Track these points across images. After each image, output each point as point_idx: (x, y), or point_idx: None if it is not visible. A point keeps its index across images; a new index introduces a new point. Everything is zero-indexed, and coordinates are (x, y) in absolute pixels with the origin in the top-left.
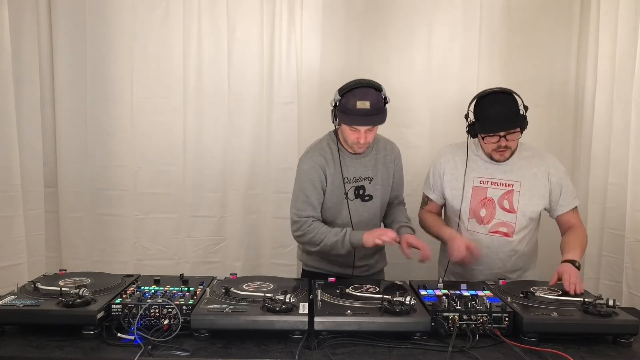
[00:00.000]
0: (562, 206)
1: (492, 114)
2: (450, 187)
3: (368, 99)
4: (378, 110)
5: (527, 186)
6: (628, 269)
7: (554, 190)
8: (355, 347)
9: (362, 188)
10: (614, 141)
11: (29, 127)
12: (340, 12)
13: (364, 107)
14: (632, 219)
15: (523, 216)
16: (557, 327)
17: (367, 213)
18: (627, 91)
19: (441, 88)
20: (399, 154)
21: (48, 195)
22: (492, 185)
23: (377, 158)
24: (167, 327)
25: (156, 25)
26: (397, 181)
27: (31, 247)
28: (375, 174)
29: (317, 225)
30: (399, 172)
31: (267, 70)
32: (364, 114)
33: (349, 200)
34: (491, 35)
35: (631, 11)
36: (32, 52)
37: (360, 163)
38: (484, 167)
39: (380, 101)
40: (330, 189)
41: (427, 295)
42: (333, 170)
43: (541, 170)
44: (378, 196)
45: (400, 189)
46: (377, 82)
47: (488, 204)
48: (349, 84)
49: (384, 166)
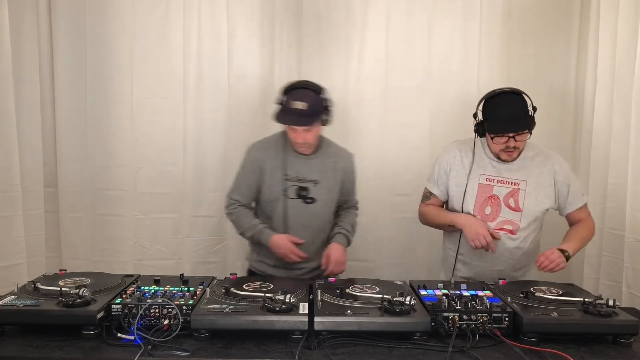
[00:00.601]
0: (572, 204)
1: (503, 115)
2: (455, 183)
3: (305, 100)
4: (315, 112)
5: (533, 185)
6: (628, 269)
7: (560, 189)
8: (355, 347)
9: (306, 189)
10: (614, 141)
11: (29, 127)
12: (340, 12)
13: (300, 107)
14: (632, 219)
15: (528, 215)
16: (557, 327)
17: (309, 215)
18: (627, 91)
19: (441, 88)
20: (350, 163)
21: (48, 195)
22: (498, 184)
23: (326, 163)
24: (167, 327)
25: (156, 25)
26: (346, 188)
27: (31, 247)
28: (321, 178)
29: (240, 211)
30: (349, 180)
31: (267, 70)
32: (299, 114)
33: (289, 198)
34: (491, 35)
35: (631, 11)
36: (32, 52)
37: (305, 164)
38: (491, 165)
39: (318, 103)
40: (269, 184)
41: (427, 295)
42: (273, 166)
43: (547, 170)
44: (321, 200)
45: (351, 195)
46: (318, 85)
47: (493, 202)
48: (290, 84)
49: (332, 172)
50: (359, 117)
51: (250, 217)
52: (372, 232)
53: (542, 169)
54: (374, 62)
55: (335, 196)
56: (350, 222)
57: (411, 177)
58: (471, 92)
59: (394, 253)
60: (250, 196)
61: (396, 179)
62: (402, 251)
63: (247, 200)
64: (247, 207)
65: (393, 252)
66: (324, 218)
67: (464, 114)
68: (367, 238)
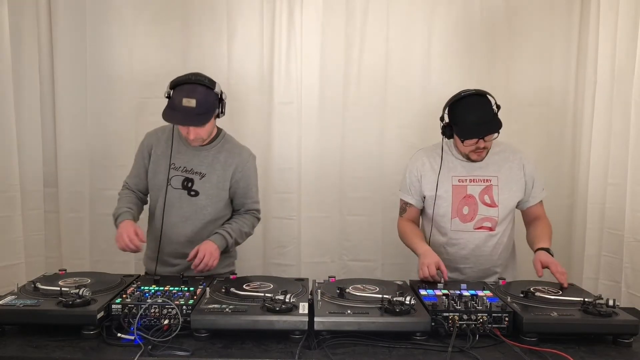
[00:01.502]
0: (534, 198)
1: (472, 119)
2: (428, 189)
3: (194, 97)
4: (205, 110)
5: (505, 179)
6: (627, 269)
7: (527, 182)
8: (355, 347)
9: (191, 181)
10: (613, 141)
11: (28, 127)
12: (340, 12)
13: (188, 105)
14: (631, 219)
15: (504, 209)
16: (557, 327)
17: (191, 208)
18: (627, 91)
19: (441, 88)
20: (247, 163)
21: (48, 195)
22: (471, 183)
23: (217, 158)
24: (167, 327)
25: (156, 25)
26: (241, 188)
27: (31, 247)
28: (209, 172)
29: (123, 194)
30: (243, 180)
31: (267, 70)
32: (187, 112)
33: (172, 187)
34: (491, 35)
35: (631, 11)
36: (32, 52)
37: (195, 155)
38: (461, 166)
39: (208, 100)
40: (154, 170)
41: (427, 295)
42: (161, 153)
43: (515, 163)
44: (206, 194)
45: (246, 198)
46: (209, 78)
47: (470, 201)
48: (179, 78)
49: (222, 167)
50: (359, 117)
51: (125, 201)
52: (372, 232)
53: (510, 163)
54: (374, 61)
55: (223, 193)
56: (238, 227)
57: None
58: None
59: (394, 253)
60: (138, 181)
61: (396, 179)
62: (402, 251)
63: (136, 186)
64: (132, 191)
65: (393, 252)
66: (207, 213)
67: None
68: (367, 238)
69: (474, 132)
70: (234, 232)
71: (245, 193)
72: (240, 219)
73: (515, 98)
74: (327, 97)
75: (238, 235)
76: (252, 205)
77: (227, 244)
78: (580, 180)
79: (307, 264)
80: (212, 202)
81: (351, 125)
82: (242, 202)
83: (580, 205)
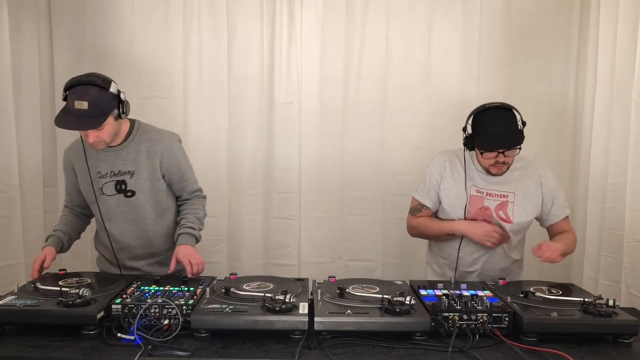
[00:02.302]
0: (555, 216)
1: (494, 131)
2: (447, 195)
3: (87, 99)
4: (99, 111)
5: (521, 197)
6: (627, 269)
7: (545, 199)
8: (355, 347)
9: (124, 183)
10: (613, 141)
11: (28, 127)
12: (340, 12)
13: (81, 108)
14: (631, 219)
15: (518, 225)
16: (557, 327)
17: (133, 209)
18: (627, 91)
19: (441, 89)
20: (169, 145)
21: (48, 195)
22: (488, 196)
23: (139, 150)
24: (167, 327)
25: (156, 25)
26: (174, 174)
27: (30, 247)
28: (136, 168)
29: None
30: (174, 165)
31: (267, 70)
32: (80, 116)
33: (107, 195)
34: (491, 35)
35: (631, 11)
36: (32, 52)
37: (116, 156)
38: (479, 177)
39: (102, 101)
40: (83, 184)
41: (427, 295)
42: (82, 166)
43: (534, 181)
44: (143, 190)
45: (184, 182)
46: (104, 77)
47: (485, 213)
48: (72, 80)
49: (147, 159)
50: (359, 117)
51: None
52: (372, 232)
53: (529, 181)
54: (374, 61)
55: (158, 184)
56: (194, 215)
57: (411, 177)
58: (471, 93)
59: (394, 253)
60: (73, 198)
61: (396, 179)
62: (402, 251)
63: (72, 203)
64: (71, 209)
65: (393, 252)
66: (153, 208)
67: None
68: (367, 238)
69: (493, 145)
70: (195, 223)
71: (181, 177)
72: (191, 206)
73: (515, 98)
74: (327, 97)
75: (199, 225)
76: (193, 187)
77: (196, 238)
78: (580, 180)
79: (307, 264)
80: (150, 196)
81: (351, 125)
82: (181, 187)
83: (581, 205)
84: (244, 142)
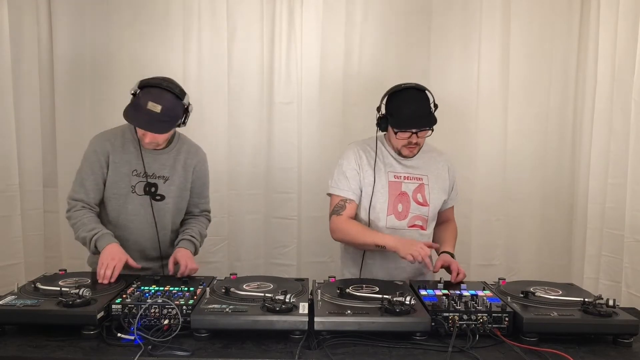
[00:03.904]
0: (452, 200)
1: (408, 111)
2: (367, 183)
3: (161, 103)
4: (170, 119)
5: (434, 179)
6: (627, 269)
7: (450, 184)
8: (355, 347)
9: (155, 186)
10: (613, 141)
11: (28, 127)
12: (340, 12)
13: (154, 110)
14: (631, 219)
15: (434, 208)
16: (557, 327)
17: (158, 213)
18: (627, 91)
19: (441, 88)
20: (202, 161)
21: (48, 195)
22: (406, 180)
23: (177, 159)
24: (167, 327)
25: (156, 25)
26: (197, 187)
27: (30, 247)
28: (171, 175)
29: (82, 214)
30: (200, 179)
31: (267, 70)
32: (151, 117)
33: (137, 195)
34: (491, 35)
35: (631, 11)
36: (32, 52)
37: (155, 160)
38: (396, 162)
39: (175, 109)
40: (114, 179)
41: (427, 295)
42: (119, 160)
43: (442, 165)
44: (172, 197)
45: (201, 198)
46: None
47: (403, 199)
48: (149, 79)
49: (183, 169)
50: (359, 117)
51: (91, 218)
52: None
53: (438, 164)
54: (374, 61)
55: (186, 194)
56: (198, 230)
57: None
58: (471, 92)
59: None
60: (95, 194)
61: None
62: None
63: (91, 199)
64: (90, 208)
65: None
66: (173, 215)
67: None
68: None
69: (408, 124)
70: (197, 236)
71: (200, 192)
72: (198, 222)
73: (515, 98)
74: (327, 97)
75: (201, 240)
76: (206, 206)
77: (195, 249)
78: (580, 180)
79: (307, 264)
80: (177, 204)
81: (351, 125)
82: (196, 202)
83: (581, 205)
84: (243, 142)
